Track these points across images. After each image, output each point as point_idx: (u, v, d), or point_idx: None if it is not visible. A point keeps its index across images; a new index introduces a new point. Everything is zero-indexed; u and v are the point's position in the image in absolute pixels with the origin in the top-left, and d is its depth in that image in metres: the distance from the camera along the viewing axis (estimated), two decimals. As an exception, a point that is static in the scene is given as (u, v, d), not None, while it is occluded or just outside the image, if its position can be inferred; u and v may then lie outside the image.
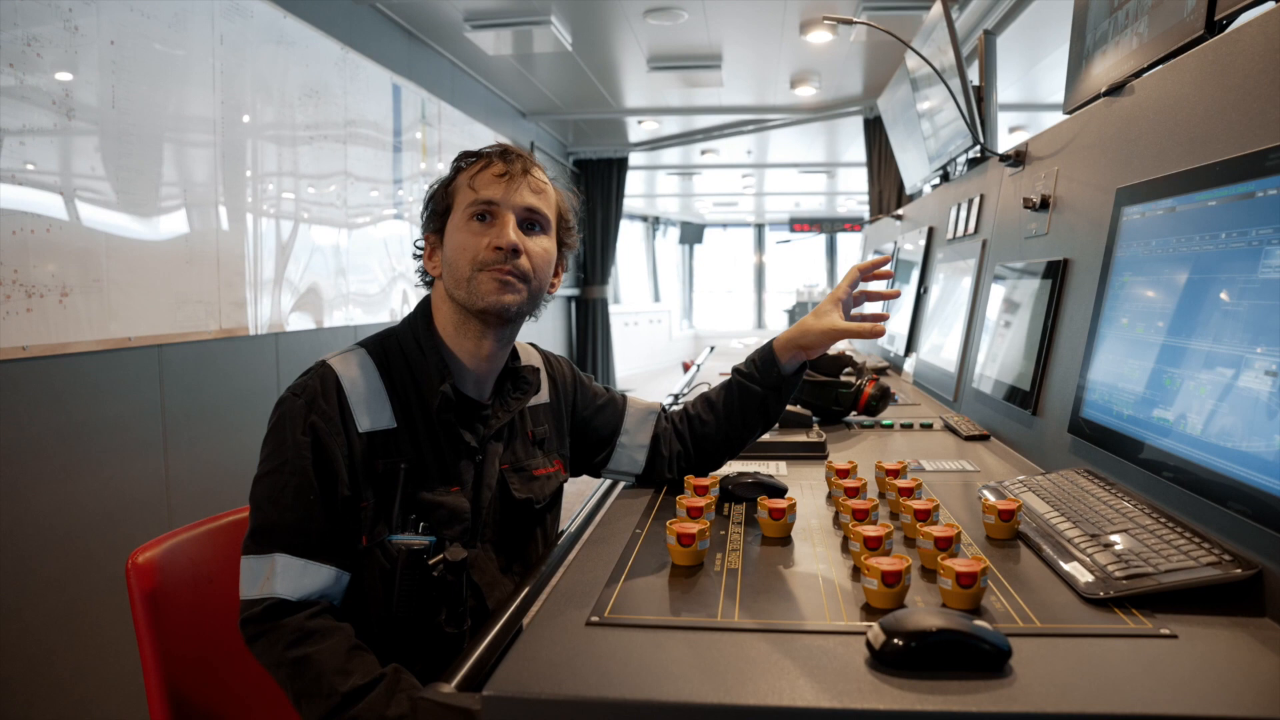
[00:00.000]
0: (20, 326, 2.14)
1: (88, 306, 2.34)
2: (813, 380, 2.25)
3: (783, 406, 1.53)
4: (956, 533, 1.07)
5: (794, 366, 1.49)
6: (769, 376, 1.50)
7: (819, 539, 1.23)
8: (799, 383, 1.52)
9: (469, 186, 1.32)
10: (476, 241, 1.30)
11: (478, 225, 1.31)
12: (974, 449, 1.89)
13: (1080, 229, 1.69)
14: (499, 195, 1.31)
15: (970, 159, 2.84)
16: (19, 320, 2.14)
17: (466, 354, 1.34)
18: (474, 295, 1.29)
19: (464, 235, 1.31)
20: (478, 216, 1.31)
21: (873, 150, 6.19)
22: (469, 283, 1.29)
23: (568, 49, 4.78)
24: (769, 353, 1.50)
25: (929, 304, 2.98)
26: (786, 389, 1.51)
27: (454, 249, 1.32)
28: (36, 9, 2.19)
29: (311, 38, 3.51)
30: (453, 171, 1.37)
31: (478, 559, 1.32)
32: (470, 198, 1.31)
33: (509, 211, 1.31)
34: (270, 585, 1.19)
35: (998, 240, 2.28)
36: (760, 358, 1.51)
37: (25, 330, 2.16)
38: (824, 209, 15.02)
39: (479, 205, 1.30)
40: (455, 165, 1.37)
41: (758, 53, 5.19)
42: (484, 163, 1.34)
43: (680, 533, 1.12)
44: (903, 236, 3.79)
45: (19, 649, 2.18)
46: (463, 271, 1.30)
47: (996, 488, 1.42)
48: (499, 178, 1.32)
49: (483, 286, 1.29)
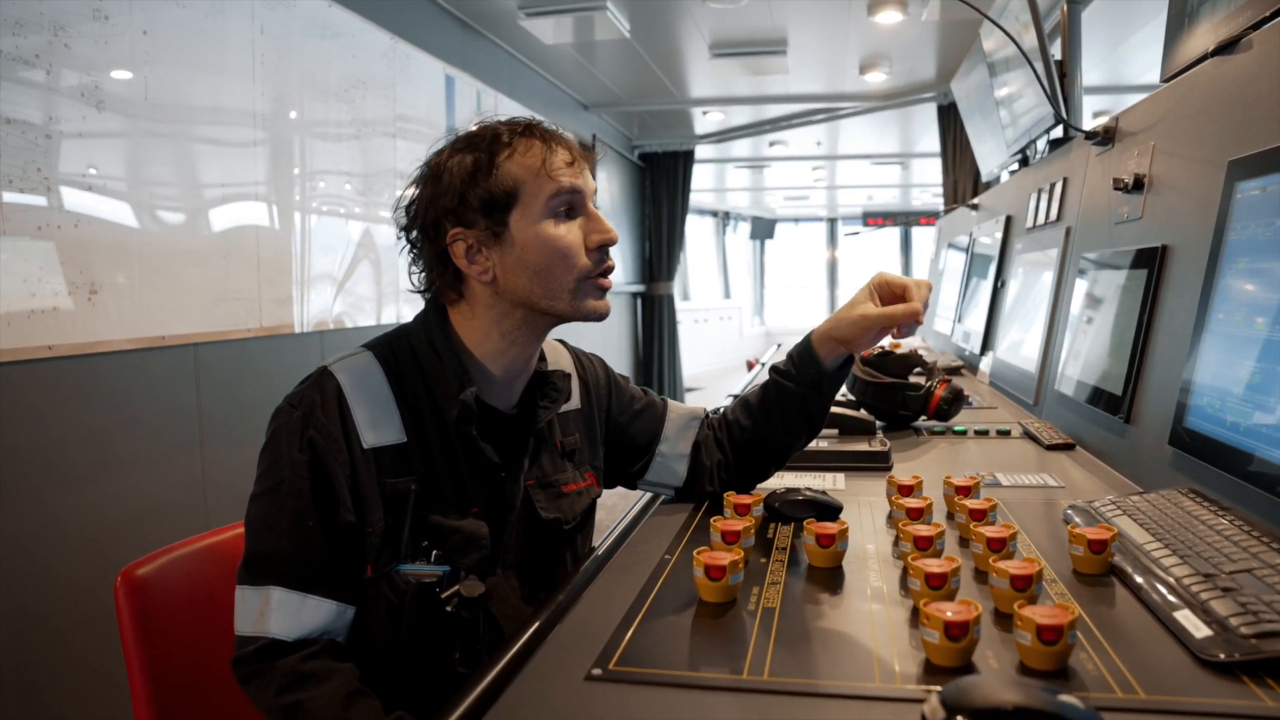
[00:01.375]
0: (45, 325, 2.08)
1: (118, 304, 2.28)
2: (878, 382, 2.06)
3: (825, 407, 1.35)
4: (1037, 570, 0.89)
5: (836, 362, 1.31)
6: (807, 374, 1.31)
7: (875, 570, 1.06)
8: (843, 380, 1.34)
9: (546, 175, 1.13)
10: (574, 241, 1.14)
11: (566, 221, 1.15)
12: (1057, 460, 1.68)
13: (1182, 211, 1.48)
14: (580, 182, 1.15)
15: (1052, 140, 2.61)
16: (44, 319, 2.08)
17: (501, 360, 1.19)
18: (580, 308, 1.16)
19: (557, 234, 1.13)
20: (565, 211, 1.15)
21: (947, 138, 5.91)
22: (574, 296, 1.15)
23: (626, 36, 4.63)
24: (807, 347, 1.32)
25: (1007, 298, 2.76)
26: (828, 387, 1.32)
27: (545, 252, 1.13)
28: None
29: (359, 28, 3.43)
30: (486, 154, 1.15)
31: (498, 587, 1.17)
32: (553, 187, 1.13)
33: (588, 200, 1.16)
34: (264, 622, 1.06)
35: (1083, 227, 2.06)
36: (798, 353, 1.33)
37: (51, 329, 2.10)
38: (898, 202, 14.63)
39: (568, 197, 1.14)
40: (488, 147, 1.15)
41: (824, 36, 4.97)
42: (538, 144, 1.15)
43: (709, 564, 0.96)
44: (978, 228, 3.56)
45: (46, 656, 2.13)
46: (563, 285, 1.14)
47: (1085, 509, 1.23)
48: (570, 165, 1.15)
49: (591, 298, 1.17)
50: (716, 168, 10.64)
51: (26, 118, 2.05)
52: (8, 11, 2.00)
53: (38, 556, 2.12)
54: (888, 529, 1.24)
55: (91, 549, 2.21)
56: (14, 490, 2.06)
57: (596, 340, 6.90)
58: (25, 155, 2.04)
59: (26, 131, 2.04)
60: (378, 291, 3.59)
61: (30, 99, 2.06)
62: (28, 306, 2.04)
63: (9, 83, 2.01)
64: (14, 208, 2.01)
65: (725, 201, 14.31)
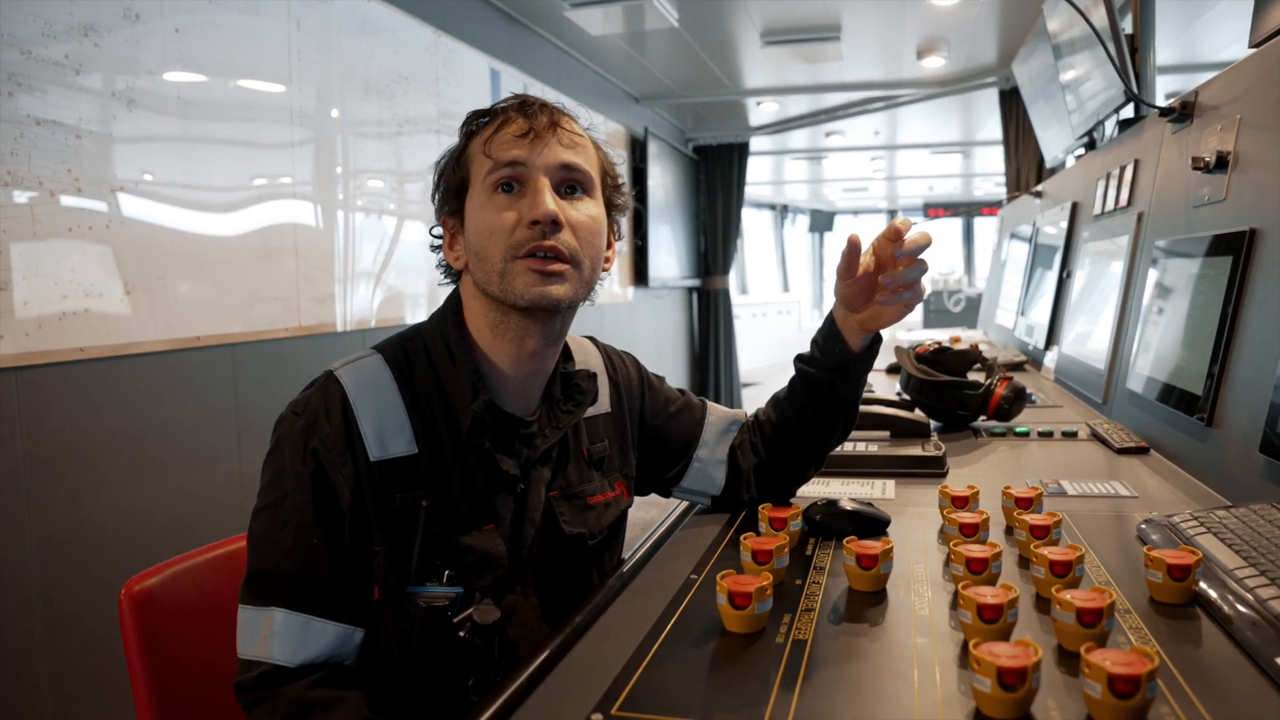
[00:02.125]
0: (76, 327, 2.06)
1: (151, 305, 2.25)
2: (933, 380, 1.94)
3: (856, 392, 1.24)
4: (1108, 604, 0.77)
5: (863, 341, 1.20)
6: (831, 356, 1.21)
7: (922, 594, 0.95)
8: (871, 360, 1.23)
9: (483, 154, 1.07)
10: (504, 219, 1.04)
11: (504, 198, 1.05)
12: (1129, 466, 1.54)
13: (1273, 190, 1.33)
14: (525, 155, 1.05)
15: (1121, 121, 2.44)
16: (75, 321, 2.05)
17: (505, 358, 1.10)
18: (511, 290, 1.04)
19: (488, 213, 1.05)
20: (502, 186, 1.05)
21: (1009, 123, 5.68)
22: (503, 276, 1.04)
23: (674, 25, 4.52)
24: (830, 328, 1.22)
25: (1073, 290, 2.60)
26: (856, 368, 1.21)
27: (478, 232, 1.06)
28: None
29: (399, 22, 3.38)
30: (463, 138, 1.12)
31: (516, 607, 1.09)
32: (488, 166, 1.06)
33: (540, 174, 1.05)
34: (267, 647, 0.99)
35: (1157, 212, 1.91)
36: (822, 336, 1.23)
37: (82, 331, 2.07)
38: (960, 192, 14.28)
39: (502, 172, 1.05)
40: (465, 130, 1.12)
41: (879, 21, 4.80)
42: (499, 121, 1.08)
43: (734, 591, 0.86)
44: (1042, 216, 3.38)
45: (82, 660, 2.11)
46: (493, 262, 1.05)
47: (1163, 525, 1.10)
48: (521, 137, 1.06)
49: (520, 280, 1.04)
50: (774, 160, 10.47)
51: (56, 118, 2.02)
52: (37, 12, 1.97)
53: (74, 560, 2.10)
54: (939, 545, 1.13)
55: (129, 552, 2.19)
56: (48, 494, 2.04)
57: (650, 336, 6.80)
58: (54, 156, 2.02)
59: (56, 132, 2.02)
60: (427, 288, 3.55)
61: (60, 99, 2.03)
62: (58, 309, 2.02)
63: (39, 83, 1.98)
64: (43, 209, 1.99)
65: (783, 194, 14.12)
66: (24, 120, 1.95)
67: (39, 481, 2.02)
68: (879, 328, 1.20)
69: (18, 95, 1.93)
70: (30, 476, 2.00)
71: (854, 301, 1.17)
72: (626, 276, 6.23)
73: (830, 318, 1.22)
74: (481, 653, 1.01)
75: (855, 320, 1.19)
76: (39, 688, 2.04)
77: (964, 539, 1.05)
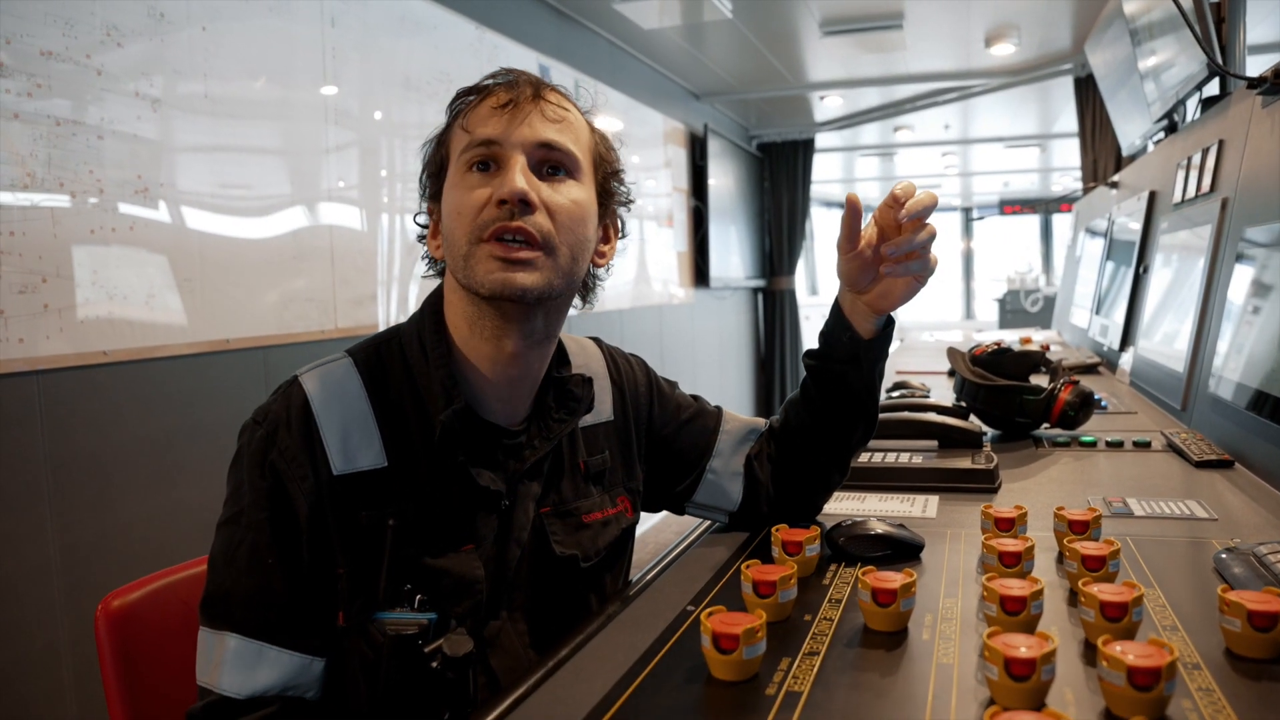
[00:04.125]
0: (100, 330, 2.02)
1: (179, 307, 2.20)
2: (990, 385, 1.78)
3: (871, 384, 1.12)
4: (1168, 663, 0.63)
5: (875, 325, 1.09)
6: (841, 346, 1.10)
7: (949, 637, 0.81)
8: (886, 346, 1.11)
9: (462, 129, 0.98)
10: (474, 197, 0.94)
11: (476, 177, 0.95)
12: (1209, 482, 1.37)
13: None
14: (499, 131, 0.95)
15: (1205, 100, 2.24)
16: (98, 324, 2.02)
17: (484, 360, 0.99)
18: (473, 276, 0.94)
19: (458, 193, 0.96)
20: (477, 165, 0.96)
21: (1085, 111, 5.39)
22: (466, 260, 0.94)
23: (728, 16, 4.38)
24: (837, 315, 1.11)
25: (1149, 286, 2.39)
26: (867, 356, 1.10)
27: (448, 214, 0.98)
28: (118, -5, 2.06)
29: (441, 18, 3.30)
30: (450, 116, 1.02)
31: (501, 634, 0.99)
32: (463, 142, 0.97)
33: (516, 151, 0.95)
34: (217, 675, 0.91)
35: (1245, 198, 1.71)
36: (829, 326, 1.12)
37: (106, 334, 2.03)
38: (1037, 188, 13.80)
39: (476, 149, 0.95)
40: (450, 108, 1.03)
41: (943, 7, 4.58)
42: (483, 95, 0.99)
43: (719, 632, 0.74)
44: (1117, 208, 3.15)
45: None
46: (459, 245, 0.95)
47: (1246, 555, 0.93)
48: (500, 110, 0.96)
49: (481, 265, 0.93)
50: (844, 157, 10.21)
51: (79, 118, 1.98)
52: (58, 11, 1.94)
53: (100, 566, 2.06)
54: (979, 575, 0.98)
55: (158, 557, 2.15)
56: (71, 498, 2.00)
57: (712, 338, 6.66)
58: (77, 157, 1.98)
59: (78, 133, 1.98)
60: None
61: (83, 99, 1.99)
62: (82, 313, 1.98)
63: (59, 83, 1.94)
64: (64, 212, 1.95)
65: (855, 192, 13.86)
66: (44, 121, 1.91)
67: (62, 486, 1.98)
68: (889, 308, 1.08)
69: (37, 96, 1.90)
70: (53, 480, 1.97)
71: (858, 280, 1.06)
72: (687, 277, 6.10)
73: (836, 305, 1.11)
74: (455, 686, 0.91)
75: (863, 303, 1.08)
76: (63, 693, 2.01)
77: (1003, 570, 0.91)
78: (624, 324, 4.84)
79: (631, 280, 4.96)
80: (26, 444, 1.92)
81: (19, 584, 1.92)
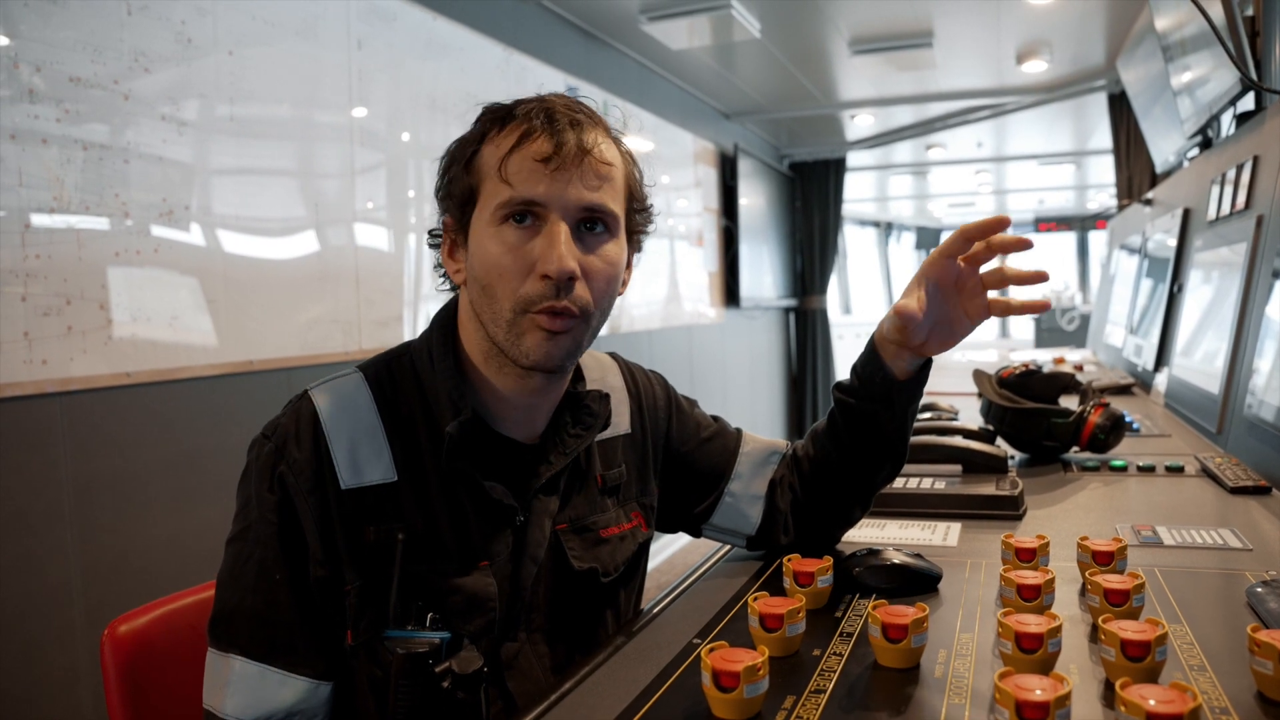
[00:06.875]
0: (124, 351, 2.04)
1: (203, 329, 2.22)
2: (1017, 408, 1.73)
3: (903, 426, 1.09)
4: (1190, 709, 0.59)
5: (911, 366, 1.06)
6: (873, 385, 1.06)
7: (962, 676, 0.78)
8: (920, 388, 1.08)
9: (499, 176, 0.92)
10: (517, 263, 0.91)
11: (515, 233, 0.92)
12: (1245, 509, 1.32)
13: None
14: (543, 192, 0.91)
15: (1239, 115, 2.18)
16: (122, 345, 2.03)
17: (503, 387, 0.99)
18: (516, 347, 0.93)
19: (497, 248, 0.92)
20: (515, 217, 0.92)
21: (1119, 128, 5.31)
22: (510, 328, 0.92)
23: (756, 36, 4.37)
24: (871, 353, 1.07)
25: (1184, 305, 2.33)
26: (900, 398, 1.06)
27: (485, 267, 0.93)
28: (144, 22, 2.08)
29: (467, 41, 3.32)
30: (476, 136, 0.97)
31: (519, 656, 0.97)
32: (503, 194, 0.92)
33: (560, 218, 0.92)
34: (222, 699, 0.91)
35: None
36: (862, 363, 1.09)
37: (130, 355, 2.05)
38: (1072, 205, 13.62)
39: (516, 206, 0.92)
40: (480, 129, 0.97)
41: (973, 24, 4.54)
42: (519, 132, 0.93)
43: (719, 670, 0.71)
44: (1151, 225, 3.09)
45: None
46: (502, 309, 0.92)
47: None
48: (543, 163, 0.91)
49: (529, 337, 0.92)
50: (877, 176, 10.15)
51: (104, 141, 2.01)
52: (87, 38, 1.96)
53: (121, 588, 2.07)
54: (998, 608, 0.94)
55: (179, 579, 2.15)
56: (95, 521, 2.02)
57: (743, 357, 6.62)
58: (104, 181, 2.00)
59: (105, 156, 2.01)
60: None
61: (111, 123, 2.02)
62: (106, 335, 2.00)
63: (88, 108, 1.97)
64: (89, 234, 1.98)
65: (888, 211, 13.76)
66: (73, 145, 1.94)
67: (83, 507, 2.00)
68: (937, 348, 1.04)
69: (65, 122, 1.93)
70: (74, 502, 1.98)
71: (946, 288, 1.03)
72: (717, 297, 6.07)
73: (871, 342, 1.07)
74: (468, 708, 0.89)
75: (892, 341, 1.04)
76: (83, 713, 2.01)
77: (1021, 604, 0.87)
78: (654, 344, 4.82)
79: (662, 301, 4.94)
80: (49, 465, 1.94)
81: (40, 605, 1.93)
